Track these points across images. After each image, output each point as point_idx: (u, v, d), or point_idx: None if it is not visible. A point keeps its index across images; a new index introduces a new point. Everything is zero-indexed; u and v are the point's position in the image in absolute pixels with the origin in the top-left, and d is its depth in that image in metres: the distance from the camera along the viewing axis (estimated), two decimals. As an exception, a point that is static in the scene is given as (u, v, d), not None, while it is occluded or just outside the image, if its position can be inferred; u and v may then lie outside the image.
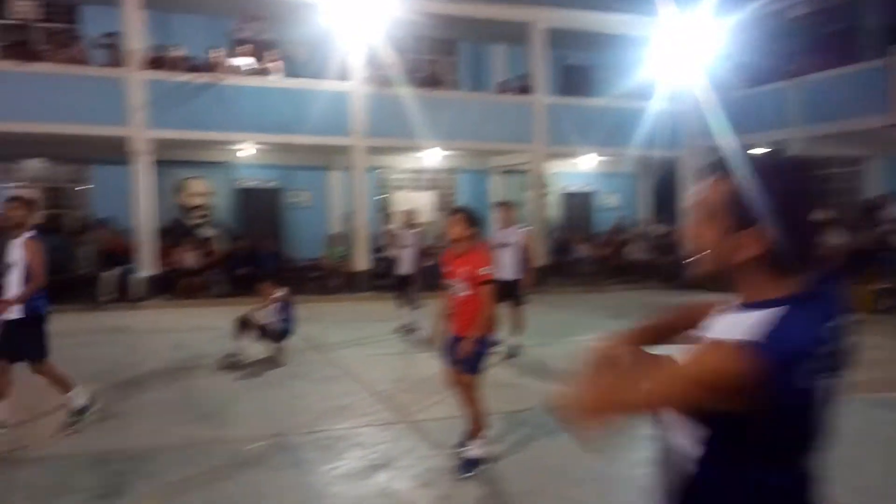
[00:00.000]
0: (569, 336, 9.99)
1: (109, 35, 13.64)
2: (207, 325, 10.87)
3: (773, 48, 15.42)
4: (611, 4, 15.83)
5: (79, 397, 5.62)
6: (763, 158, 1.41)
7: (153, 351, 8.86)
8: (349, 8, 13.95)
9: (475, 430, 4.74)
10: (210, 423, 5.75)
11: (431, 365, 7.81)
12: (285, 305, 8.18)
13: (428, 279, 10.30)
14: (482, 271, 4.68)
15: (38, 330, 5.39)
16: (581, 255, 16.93)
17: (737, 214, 1.37)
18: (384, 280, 13.54)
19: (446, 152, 16.52)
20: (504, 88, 17.28)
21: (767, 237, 1.34)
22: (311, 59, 15.11)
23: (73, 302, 12.57)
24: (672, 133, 16.88)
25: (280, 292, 8.19)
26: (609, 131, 16.46)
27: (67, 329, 10.48)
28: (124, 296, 13.04)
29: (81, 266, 13.42)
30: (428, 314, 9.76)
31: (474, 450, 4.69)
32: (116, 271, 13.13)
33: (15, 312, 5.23)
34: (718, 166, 1.43)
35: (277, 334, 8.03)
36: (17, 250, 5.30)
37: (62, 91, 12.67)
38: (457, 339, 4.71)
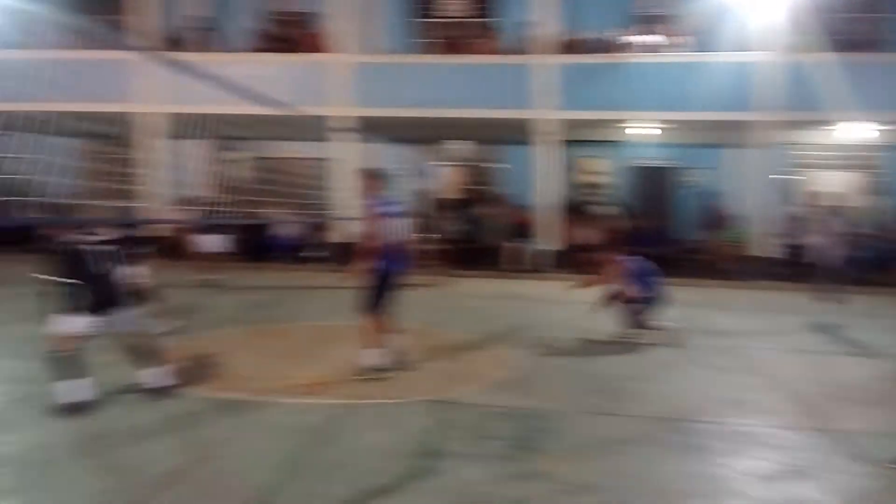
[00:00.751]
0: None
1: (524, 23, 14.72)
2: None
3: None
4: None
5: (373, 358, 6.16)
6: None
7: (558, 321, 9.38)
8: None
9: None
10: (608, 396, 5.92)
11: (856, 368, 6.92)
12: (639, 273, 7.96)
13: (850, 271, 9.06)
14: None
15: (377, 286, 6.08)
16: None
17: None
18: (788, 268, 12.34)
19: (873, 126, 14.22)
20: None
21: None
22: (717, 30, 14.32)
23: (481, 268, 14.12)
24: None
25: (622, 259, 8.01)
26: None
27: (476, 292, 11.88)
28: (526, 266, 14.16)
29: (490, 236, 14.93)
30: (852, 310, 8.65)
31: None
32: (520, 243, 14.32)
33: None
34: None
35: (638, 306, 7.92)
36: (362, 216, 6.15)
37: (482, 79, 14.18)
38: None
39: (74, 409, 4.98)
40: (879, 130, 14.46)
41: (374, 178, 6.26)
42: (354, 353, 6.32)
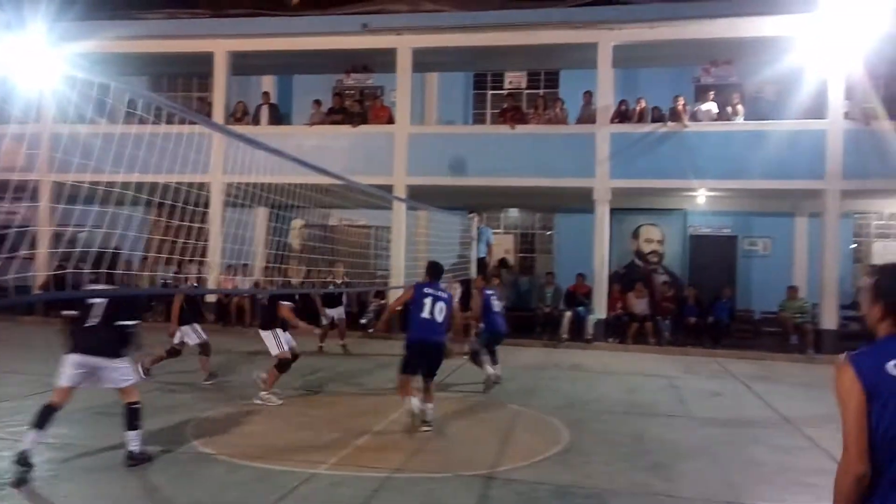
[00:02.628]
0: None
1: (583, 94, 14.81)
2: (657, 373, 10.86)
3: None
4: None
5: (411, 404, 6.61)
6: None
7: (606, 392, 9.16)
8: (826, 38, 12.72)
9: None
10: (661, 474, 5.64)
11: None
12: None
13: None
14: None
15: (408, 354, 6.76)
16: None
17: None
18: (857, 341, 11.70)
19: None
20: None
21: None
22: (780, 99, 14.15)
23: (536, 337, 13.90)
24: None
25: None
26: None
27: (533, 363, 11.63)
28: (579, 335, 13.86)
29: (545, 305, 14.72)
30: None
31: None
32: (574, 312, 14.05)
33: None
34: None
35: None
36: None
37: (540, 149, 14.23)
38: None
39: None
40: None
41: (433, 271, 7.02)
42: (398, 423, 6.25)
